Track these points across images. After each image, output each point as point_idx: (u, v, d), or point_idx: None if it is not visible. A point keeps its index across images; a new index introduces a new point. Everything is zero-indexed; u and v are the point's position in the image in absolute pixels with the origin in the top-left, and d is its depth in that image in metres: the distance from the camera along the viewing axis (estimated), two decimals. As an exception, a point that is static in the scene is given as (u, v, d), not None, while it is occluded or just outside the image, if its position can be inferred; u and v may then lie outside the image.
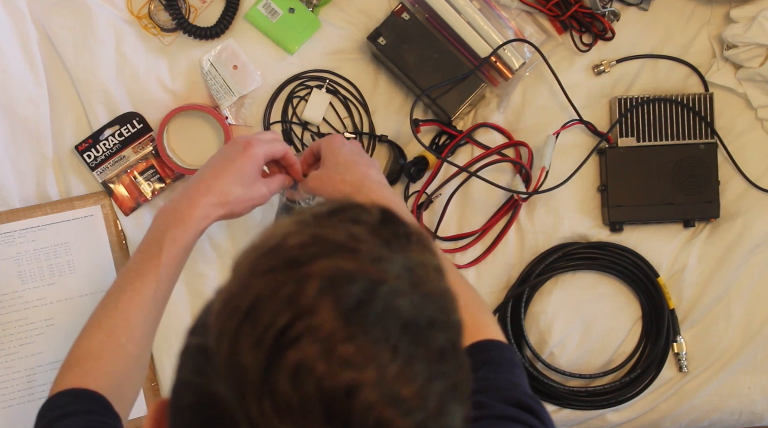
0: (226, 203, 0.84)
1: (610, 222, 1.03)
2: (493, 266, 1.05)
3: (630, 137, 1.03)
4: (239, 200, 0.85)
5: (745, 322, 1.05)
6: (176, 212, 0.83)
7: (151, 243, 0.82)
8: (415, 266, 0.44)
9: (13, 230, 1.00)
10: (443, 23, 1.01)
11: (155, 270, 0.81)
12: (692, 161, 1.02)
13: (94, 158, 1.02)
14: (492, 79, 1.03)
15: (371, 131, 1.04)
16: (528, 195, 1.01)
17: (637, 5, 1.04)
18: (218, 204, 0.84)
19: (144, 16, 1.03)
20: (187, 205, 0.83)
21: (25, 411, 1.00)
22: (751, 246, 1.04)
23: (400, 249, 0.45)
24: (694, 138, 1.03)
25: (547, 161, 0.99)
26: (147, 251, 0.82)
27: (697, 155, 1.02)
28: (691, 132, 1.03)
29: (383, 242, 0.44)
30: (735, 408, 1.05)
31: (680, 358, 1.04)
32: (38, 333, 1.01)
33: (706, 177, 1.02)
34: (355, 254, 0.43)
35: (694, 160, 1.02)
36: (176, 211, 0.83)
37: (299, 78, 1.04)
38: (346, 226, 0.45)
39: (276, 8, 1.02)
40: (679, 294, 1.05)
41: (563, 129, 1.02)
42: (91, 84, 1.01)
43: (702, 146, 1.02)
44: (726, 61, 1.04)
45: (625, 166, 1.02)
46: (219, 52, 1.02)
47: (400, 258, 0.44)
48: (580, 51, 1.04)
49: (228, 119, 1.02)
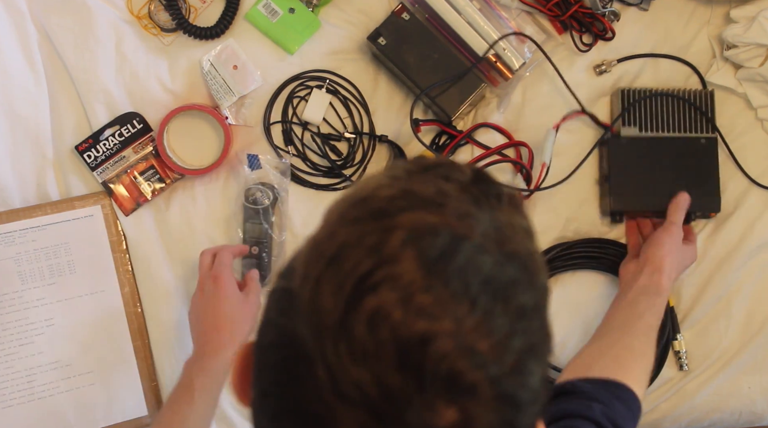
0: (242, 341, 0.92)
1: (611, 211, 1.03)
2: (493, 266, 1.05)
3: (633, 127, 1.02)
4: (248, 329, 0.93)
5: (745, 322, 1.05)
6: (202, 370, 0.89)
7: (180, 388, 0.89)
8: (503, 225, 0.45)
9: (13, 230, 1.00)
10: (443, 23, 1.01)
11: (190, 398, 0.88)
12: (694, 154, 1.02)
13: (94, 158, 1.02)
14: (492, 79, 1.03)
15: (371, 131, 1.04)
16: (530, 192, 1.01)
17: (637, 5, 1.04)
18: (236, 346, 0.91)
19: (144, 16, 1.03)
20: (210, 363, 0.90)
21: (25, 411, 1.00)
22: (751, 246, 1.04)
23: (488, 208, 0.45)
24: (696, 132, 1.02)
25: (547, 156, 0.99)
26: (177, 393, 0.89)
27: (698, 148, 1.02)
28: (692, 126, 1.03)
29: (472, 200, 0.45)
30: (735, 407, 1.05)
31: (680, 356, 1.04)
32: (38, 333, 1.01)
33: (706, 171, 1.02)
34: (442, 209, 0.43)
35: (696, 153, 1.02)
36: (202, 369, 0.90)
37: (299, 78, 1.04)
38: (437, 182, 0.45)
39: (276, 8, 1.02)
40: (679, 294, 1.05)
41: (564, 121, 1.02)
42: (91, 84, 1.01)
43: (703, 140, 1.02)
44: (726, 61, 1.04)
45: (628, 155, 1.02)
46: (219, 52, 1.02)
47: (488, 217, 0.44)
48: (580, 51, 1.04)
49: (228, 119, 1.02)
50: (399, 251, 0.41)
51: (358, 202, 0.45)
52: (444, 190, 0.45)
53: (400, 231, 0.42)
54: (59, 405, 1.01)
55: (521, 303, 0.43)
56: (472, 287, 0.41)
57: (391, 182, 0.46)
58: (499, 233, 0.44)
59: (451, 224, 0.43)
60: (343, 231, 0.44)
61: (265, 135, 1.04)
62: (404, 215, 0.43)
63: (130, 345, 1.01)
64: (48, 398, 1.00)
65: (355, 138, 1.04)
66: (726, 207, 1.05)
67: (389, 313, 0.40)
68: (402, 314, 0.40)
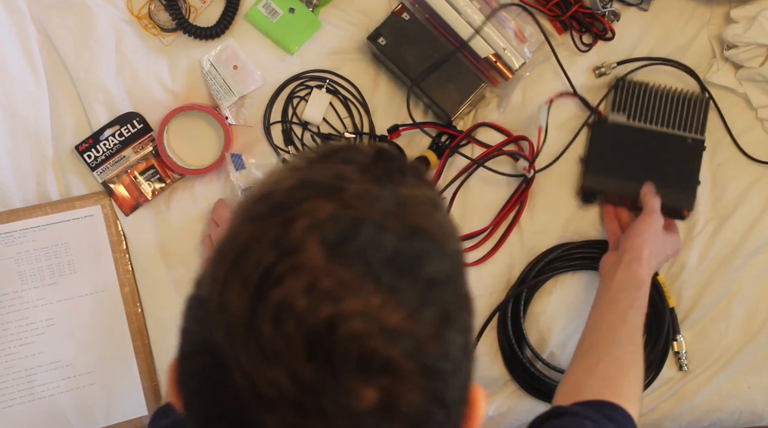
0: None
1: (583, 189, 1.02)
2: (493, 266, 1.05)
3: (621, 114, 1.02)
4: None
5: (745, 322, 1.05)
6: None
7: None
8: (407, 199, 0.45)
9: (13, 230, 1.00)
10: (443, 23, 1.01)
11: None
12: (677, 152, 1.02)
13: (94, 158, 1.02)
14: (492, 79, 1.03)
15: (371, 131, 1.04)
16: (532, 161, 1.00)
17: (637, 5, 1.04)
18: None
19: (144, 16, 1.03)
20: None
21: (26, 411, 1.00)
22: (751, 246, 1.04)
23: (391, 184, 0.45)
24: (684, 131, 1.02)
25: (543, 122, 0.99)
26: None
27: (683, 147, 1.02)
28: (682, 124, 1.02)
29: (373, 179, 0.45)
30: (735, 407, 1.05)
31: (680, 357, 1.04)
32: (38, 333, 1.01)
33: (686, 172, 1.02)
34: (340, 193, 0.44)
35: (679, 152, 1.02)
36: None
37: (299, 78, 1.04)
38: (336, 167, 0.46)
39: (276, 8, 1.02)
40: (679, 294, 1.05)
41: (556, 97, 1.02)
42: (91, 84, 1.01)
43: (690, 140, 1.02)
44: (726, 61, 1.04)
45: (610, 140, 1.02)
46: (219, 52, 1.02)
47: (390, 193, 0.45)
48: (580, 51, 1.04)
49: (228, 119, 1.02)
50: (301, 241, 0.41)
51: (260, 199, 0.45)
52: (343, 173, 0.45)
53: (300, 221, 0.42)
54: (59, 405, 1.01)
55: (431, 274, 0.43)
56: (375, 266, 0.41)
57: (292, 174, 0.46)
58: (403, 207, 0.44)
59: (350, 206, 0.43)
60: (245, 230, 0.44)
61: (265, 135, 1.04)
62: (304, 205, 0.43)
63: (130, 345, 1.01)
64: (48, 398, 1.00)
65: (355, 138, 1.04)
66: (726, 207, 1.05)
67: (294, 303, 0.40)
68: (307, 302, 0.40)
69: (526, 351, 1.04)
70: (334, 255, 0.41)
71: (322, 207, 0.43)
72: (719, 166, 1.05)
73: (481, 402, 0.49)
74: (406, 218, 0.44)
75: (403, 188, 0.46)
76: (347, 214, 0.43)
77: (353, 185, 0.44)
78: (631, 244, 0.94)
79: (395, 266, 0.42)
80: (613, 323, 0.88)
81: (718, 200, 1.05)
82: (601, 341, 0.87)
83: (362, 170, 0.46)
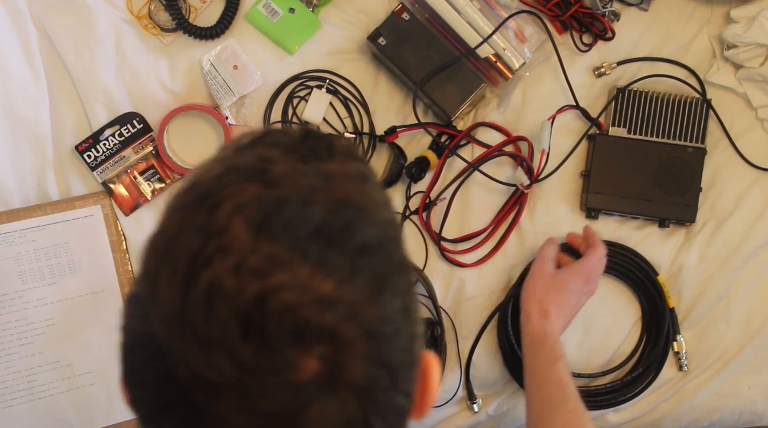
0: None
1: (587, 208, 1.03)
2: (493, 266, 1.05)
3: (622, 128, 1.03)
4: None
5: (745, 322, 1.05)
6: None
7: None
8: (335, 174, 0.46)
9: (13, 230, 1.00)
10: (443, 23, 1.01)
11: None
12: (678, 162, 1.02)
13: (94, 158, 1.02)
14: (492, 79, 1.03)
15: (371, 131, 1.04)
16: (531, 183, 1.01)
17: (637, 5, 1.04)
18: None
19: (144, 16, 1.03)
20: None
21: (26, 411, 1.00)
22: (751, 246, 1.04)
23: (317, 161, 0.46)
24: (685, 140, 1.03)
25: (546, 143, 1.00)
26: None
27: (684, 157, 1.02)
28: (682, 134, 1.03)
29: (299, 158, 0.46)
30: (735, 408, 1.05)
31: (680, 357, 1.04)
32: (38, 333, 1.01)
33: (689, 181, 1.02)
34: (264, 174, 0.44)
35: (681, 162, 1.02)
36: None
37: (299, 78, 1.04)
38: (261, 151, 0.47)
39: (276, 8, 1.02)
40: (679, 294, 1.05)
41: (558, 113, 1.02)
42: (91, 84, 1.01)
43: (691, 149, 1.02)
44: (726, 61, 1.04)
45: (612, 154, 1.02)
46: (219, 52, 1.02)
47: (316, 170, 0.45)
48: (580, 51, 1.04)
49: (228, 119, 1.02)
50: (227, 223, 0.42)
51: (187, 189, 0.46)
52: (267, 156, 0.46)
53: (226, 205, 0.43)
54: (59, 405, 1.01)
55: (361, 242, 0.43)
56: (302, 239, 0.42)
57: (219, 162, 0.47)
58: (329, 182, 0.45)
59: (275, 185, 0.44)
60: (173, 221, 0.44)
61: (265, 135, 1.04)
62: (228, 189, 0.44)
63: (130, 345, 1.01)
64: (48, 398, 1.00)
65: (355, 138, 1.04)
66: (726, 207, 1.05)
67: (222, 284, 0.40)
68: (235, 281, 0.40)
69: (526, 351, 1.04)
70: (259, 233, 0.42)
71: (247, 189, 0.43)
72: (719, 166, 1.05)
73: (435, 369, 0.49)
74: (333, 192, 0.45)
75: (330, 164, 0.47)
76: (272, 193, 0.43)
77: (278, 165, 0.45)
78: (521, 302, 0.95)
79: (323, 237, 0.42)
80: (543, 390, 0.86)
81: (718, 200, 1.05)
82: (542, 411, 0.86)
83: (287, 150, 0.47)
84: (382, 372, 0.43)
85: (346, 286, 0.42)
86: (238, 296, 0.40)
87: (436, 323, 1.02)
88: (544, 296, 0.93)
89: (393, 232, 0.47)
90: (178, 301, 0.41)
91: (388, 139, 1.01)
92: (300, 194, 0.44)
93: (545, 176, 1.03)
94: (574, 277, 0.94)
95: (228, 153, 0.48)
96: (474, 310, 1.05)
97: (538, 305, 0.92)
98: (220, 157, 0.48)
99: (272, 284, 0.40)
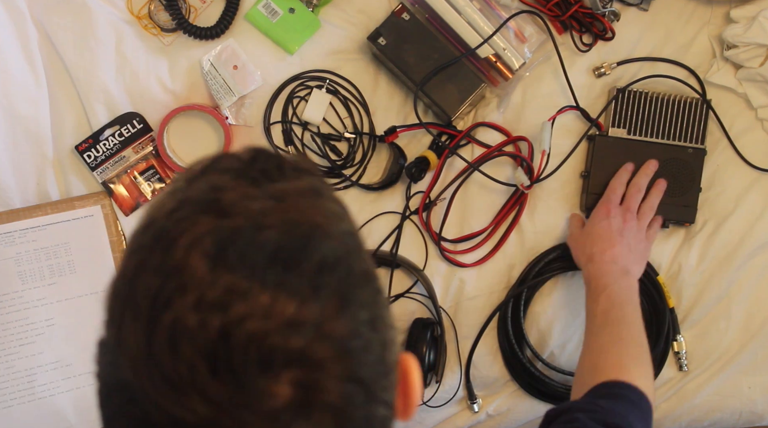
0: None
1: (587, 208, 1.03)
2: (493, 266, 1.05)
3: (622, 128, 1.03)
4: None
5: (745, 322, 1.05)
6: None
7: None
8: (287, 194, 0.45)
9: (13, 230, 1.00)
10: (443, 23, 1.01)
11: None
12: (678, 163, 1.02)
13: (94, 158, 1.02)
14: (492, 79, 1.03)
15: (371, 131, 1.04)
16: (531, 183, 1.01)
17: (637, 5, 1.04)
18: None
19: (144, 16, 1.03)
20: None
21: (26, 411, 1.00)
22: (751, 246, 1.04)
23: (269, 183, 0.46)
24: (685, 141, 1.03)
25: (546, 144, 0.99)
26: None
27: (684, 158, 1.02)
28: (682, 134, 1.03)
29: (250, 182, 0.45)
30: (735, 407, 1.05)
31: (680, 357, 1.04)
32: (38, 333, 1.01)
33: (688, 181, 1.02)
34: (216, 204, 0.44)
35: (681, 163, 1.02)
36: None
37: (299, 78, 1.04)
38: (212, 179, 0.46)
39: (276, 8, 1.02)
40: (679, 294, 1.05)
41: (558, 114, 1.02)
42: (91, 84, 1.01)
43: (691, 150, 1.02)
44: (726, 61, 1.04)
45: (611, 155, 1.02)
46: (219, 53, 1.02)
47: (267, 192, 0.45)
48: (580, 51, 1.04)
49: (228, 119, 1.02)
50: (183, 260, 0.41)
51: (143, 229, 0.45)
52: (218, 184, 0.45)
53: (181, 241, 0.42)
54: (59, 405, 1.01)
55: (319, 259, 0.43)
56: (259, 265, 0.41)
57: (171, 195, 0.46)
58: (281, 202, 0.44)
59: (227, 214, 0.43)
60: (132, 263, 0.44)
61: (265, 135, 1.04)
62: (182, 225, 0.43)
63: (130, 345, 1.01)
64: (48, 398, 1.00)
65: (355, 138, 1.04)
66: (726, 207, 1.05)
67: (185, 322, 0.40)
68: (197, 317, 0.40)
69: (526, 351, 1.04)
70: (216, 265, 0.41)
71: (201, 222, 0.43)
72: (719, 167, 1.05)
73: (414, 372, 0.49)
74: (286, 212, 0.44)
75: (281, 183, 0.46)
76: (225, 223, 0.43)
77: (228, 193, 0.44)
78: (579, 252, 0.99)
79: (280, 260, 0.42)
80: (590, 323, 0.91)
81: (718, 200, 1.05)
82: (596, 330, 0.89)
83: (238, 176, 0.46)
84: (356, 389, 0.42)
85: (308, 306, 0.41)
86: (201, 333, 0.40)
87: (436, 323, 1.02)
88: (584, 247, 0.97)
89: (353, 243, 0.46)
90: (144, 345, 0.41)
91: (388, 139, 1.01)
92: (252, 220, 0.43)
93: (545, 176, 1.03)
94: (594, 218, 0.99)
95: (180, 184, 0.47)
96: (474, 310, 1.05)
97: (582, 256, 0.97)
98: (172, 189, 0.47)
99: (233, 315, 0.40)
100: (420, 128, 1.03)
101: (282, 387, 0.40)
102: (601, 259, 0.93)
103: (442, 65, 0.99)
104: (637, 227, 0.97)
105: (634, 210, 0.98)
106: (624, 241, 0.95)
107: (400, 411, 0.49)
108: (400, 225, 1.04)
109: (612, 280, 0.91)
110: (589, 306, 0.92)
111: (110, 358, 0.44)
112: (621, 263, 0.93)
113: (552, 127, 1.01)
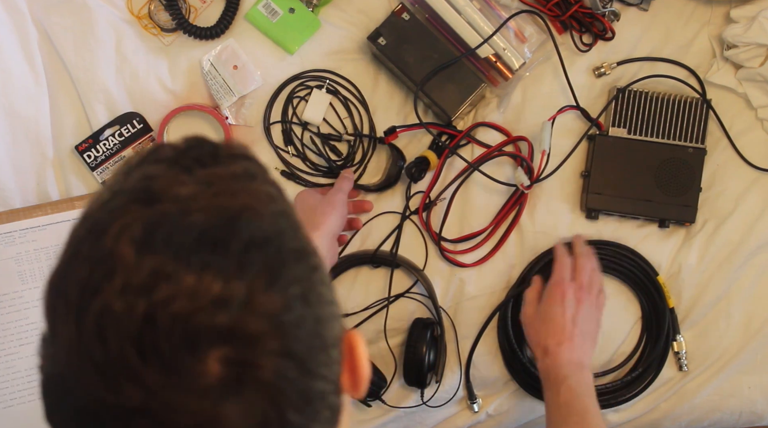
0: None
1: (587, 208, 1.03)
2: (493, 266, 1.05)
3: (622, 128, 1.03)
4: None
5: (745, 322, 1.05)
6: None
7: None
8: (217, 178, 0.46)
9: (13, 230, 1.00)
10: (443, 23, 1.01)
11: None
12: (678, 162, 1.02)
13: (94, 158, 1.02)
14: (492, 79, 1.03)
15: (371, 131, 1.04)
16: (531, 183, 1.01)
17: (637, 5, 1.04)
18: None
19: (144, 16, 1.03)
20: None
21: (26, 411, 1.00)
22: (751, 246, 1.04)
23: (201, 169, 0.46)
24: (685, 141, 1.03)
25: (546, 144, 0.99)
26: None
27: (684, 157, 1.02)
28: (682, 134, 1.03)
29: (183, 169, 0.46)
30: (735, 407, 1.05)
31: (680, 357, 1.04)
32: (38, 333, 1.00)
33: (689, 181, 1.02)
34: (147, 192, 0.44)
35: (681, 162, 1.02)
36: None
37: (299, 78, 1.04)
38: (146, 169, 0.46)
39: (276, 8, 1.02)
40: (679, 294, 1.05)
41: (558, 114, 1.02)
42: (91, 84, 1.01)
43: (691, 149, 1.02)
44: (726, 61, 1.04)
45: (612, 155, 1.02)
46: (219, 53, 1.02)
47: (198, 177, 0.45)
48: (580, 51, 1.04)
49: (228, 119, 1.02)
50: (112, 247, 0.42)
51: (80, 222, 0.46)
52: (150, 173, 0.46)
53: (112, 229, 0.43)
54: (59, 405, 1.01)
55: (247, 238, 0.43)
56: (185, 248, 0.42)
57: (108, 189, 0.46)
58: (210, 187, 0.45)
59: (156, 201, 0.44)
60: (65, 255, 0.44)
61: (265, 135, 1.04)
62: (114, 214, 0.43)
63: (130, 345, 1.01)
64: (48, 398, 1.00)
65: (355, 138, 1.04)
66: (726, 207, 1.05)
67: (112, 308, 0.40)
68: (123, 302, 0.40)
69: (526, 351, 1.04)
70: (142, 250, 0.41)
71: (131, 210, 0.43)
72: (719, 166, 1.05)
73: (360, 346, 0.50)
74: (215, 196, 0.44)
75: (214, 169, 0.47)
76: (153, 209, 0.43)
77: (159, 181, 0.45)
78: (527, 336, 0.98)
79: (207, 242, 0.42)
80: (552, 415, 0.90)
81: (718, 200, 1.05)
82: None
83: (170, 164, 0.47)
84: (288, 363, 0.42)
85: (234, 283, 0.41)
86: (127, 317, 0.40)
87: (436, 323, 1.02)
88: (538, 335, 0.95)
89: (285, 222, 0.47)
90: (74, 334, 0.41)
91: (387, 139, 1.01)
92: (180, 204, 0.43)
93: (545, 176, 1.03)
94: (548, 302, 0.96)
95: (118, 178, 0.48)
96: (474, 310, 1.05)
97: (537, 347, 0.95)
98: (110, 183, 0.47)
99: (159, 298, 0.40)
100: (420, 127, 1.03)
101: (211, 365, 0.40)
102: (556, 352, 0.92)
103: (442, 65, 0.99)
104: (590, 304, 0.96)
105: (586, 284, 0.97)
106: (577, 330, 0.94)
107: (348, 386, 0.49)
108: (400, 225, 1.04)
109: (570, 372, 0.91)
110: (549, 398, 0.91)
111: (48, 350, 0.44)
112: (576, 358, 0.92)
113: (552, 127, 1.01)
